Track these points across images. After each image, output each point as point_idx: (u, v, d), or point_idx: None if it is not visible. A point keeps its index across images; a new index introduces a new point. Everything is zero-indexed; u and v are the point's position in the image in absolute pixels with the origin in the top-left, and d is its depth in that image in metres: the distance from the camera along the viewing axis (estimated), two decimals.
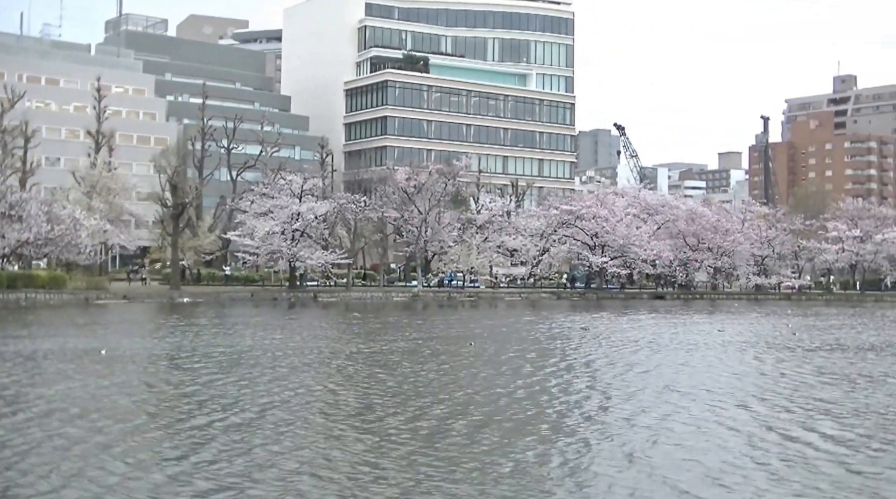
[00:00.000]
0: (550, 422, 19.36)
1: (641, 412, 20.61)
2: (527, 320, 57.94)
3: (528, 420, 19.49)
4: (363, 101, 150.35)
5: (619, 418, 19.82)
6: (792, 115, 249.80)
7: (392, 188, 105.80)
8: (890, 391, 24.83)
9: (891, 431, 18.69)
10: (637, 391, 24.29)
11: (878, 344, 40.70)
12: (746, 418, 20.09)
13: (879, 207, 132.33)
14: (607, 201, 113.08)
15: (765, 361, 32.90)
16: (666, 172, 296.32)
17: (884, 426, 19.20)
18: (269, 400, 21.70)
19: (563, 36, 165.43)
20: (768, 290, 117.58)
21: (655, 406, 21.57)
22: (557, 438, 17.49)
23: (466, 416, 19.77)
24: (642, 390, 24.47)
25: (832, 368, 30.23)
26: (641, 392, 24.12)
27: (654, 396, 23.39)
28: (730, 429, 18.60)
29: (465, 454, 15.82)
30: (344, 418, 19.36)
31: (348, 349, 35.37)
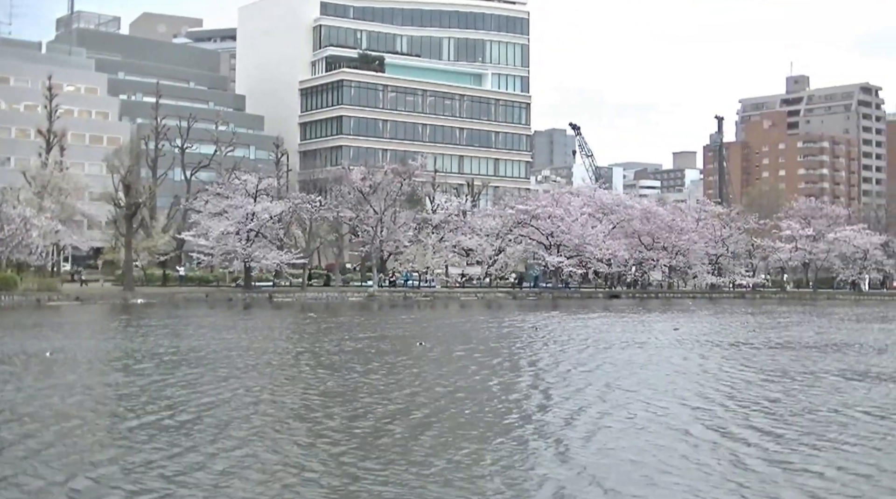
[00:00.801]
0: (488, 421, 19.36)
1: (580, 411, 20.68)
2: (480, 320, 58.07)
3: (466, 420, 19.49)
4: (318, 100, 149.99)
5: (558, 417, 19.87)
6: (746, 115, 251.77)
7: (347, 188, 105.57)
8: (827, 389, 25.02)
9: (823, 428, 18.82)
10: (579, 389, 24.37)
11: (824, 342, 41.08)
12: (685, 415, 20.20)
13: (832, 207, 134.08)
14: (563, 201, 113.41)
15: (709, 358, 33.16)
16: (621, 172, 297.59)
17: (818, 424, 19.35)
18: (208, 401, 21.59)
19: (519, 36, 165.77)
20: (723, 288, 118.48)
21: (595, 404, 21.65)
22: (493, 437, 17.47)
23: (405, 416, 19.73)
24: (584, 388, 24.55)
25: (775, 366, 30.47)
26: (583, 390, 24.19)
27: (595, 394, 23.47)
28: (667, 427, 18.68)
29: (400, 455, 15.80)
30: (281, 419, 19.29)
31: (295, 349, 35.29)
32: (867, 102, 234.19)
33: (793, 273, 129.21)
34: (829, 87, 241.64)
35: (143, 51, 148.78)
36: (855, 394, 23.87)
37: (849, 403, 22.20)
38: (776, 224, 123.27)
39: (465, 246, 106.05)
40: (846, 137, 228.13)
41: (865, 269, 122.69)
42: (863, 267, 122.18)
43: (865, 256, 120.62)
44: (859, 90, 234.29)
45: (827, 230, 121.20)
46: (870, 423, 19.35)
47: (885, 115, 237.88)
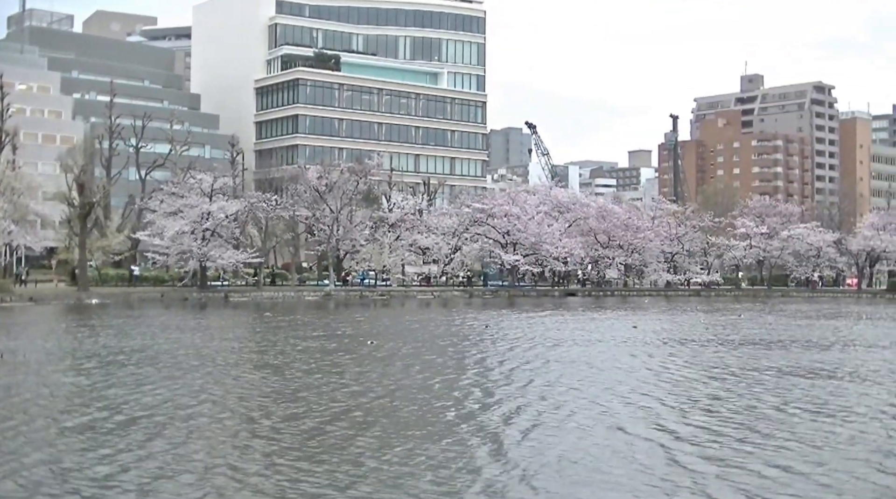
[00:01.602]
0: (426, 420, 19.44)
1: (519, 409, 20.87)
2: (433, 319, 58.23)
3: (405, 419, 19.58)
4: (274, 99, 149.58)
5: (496, 415, 20.02)
6: (700, 113, 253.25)
7: (303, 187, 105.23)
8: (769, 386, 25.26)
9: (763, 425, 19.00)
10: (521, 387, 24.54)
11: (772, 339, 41.53)
12: (624, 413, 20.39)
13: (785, 205, 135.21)
14: (519, 199, 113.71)
15: (657, 356, 33.38)
16: (577, 170, 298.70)
17: (758, 421, 19.52)
18: (148, 401, 21.55)
19: (475, 34, 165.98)
20: (678, 286, 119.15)
21: (535, 402, 21.82)
22: (429, 436, 17.56)
23: (344, 416, 19.80)
24: (527, 386, 24.73)
25: (722, 363, 30.74)
26: (525, 388, 24.36)
27: (536, 392, 23.64)
28: (604, 425, 18.85)
29: (334, 455, 15.87)
30: (220, 420, 19.26)
31: (244, 349, 35.34)
32: (820, 101, 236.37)
33: (748, 271, 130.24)
34: (783, 87, 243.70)
35: (97, 49, 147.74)
36: (796, 391, 24.07)
37: (789, 400, 22.42)
38: (731, 222, 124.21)
39: (421, 245, 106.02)
40: (800, 135, 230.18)
41: (819, 266, 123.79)
42: (816, 265, 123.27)
43: (819, 254, 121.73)
44: (812, 89, 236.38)
45: (781, 228, 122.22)
46: (808, 420, 19.52)
47: (837, 113, 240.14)
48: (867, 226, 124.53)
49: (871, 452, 16.25)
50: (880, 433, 18.08)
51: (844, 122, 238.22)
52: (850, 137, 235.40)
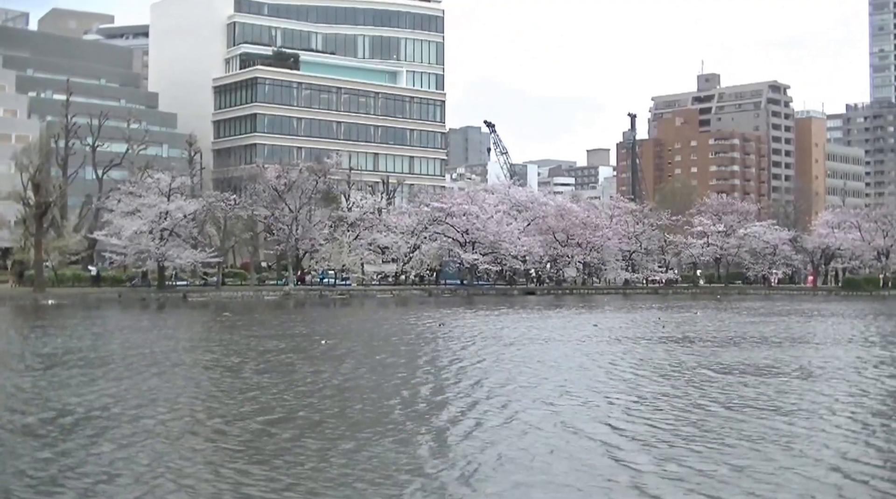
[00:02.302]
0: (371, 420, 19.44)
1: (465, 407, 20.96)
2: (390, 317, 58.40)
3: (349, 419, 19.58)
4: (232, 98, 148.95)
5: (442, 414, 20.10)
6: (658, 112, 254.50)
7: (262, 186, 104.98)
8: (716, 383, 25.44)
9: (705, 423, 19.13)
10: (470, 386, 24.72)
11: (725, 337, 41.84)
12: (569, 411, 20.49)
13: (742, 203, 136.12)
14: (478, 198, 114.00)
15: (608, 353, 33.53)
16: (535, 169, 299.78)
17: (702, 419, 19.64)
18: (88, 402, 21.43)
19: (434, 33, 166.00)
20: (636, 284, 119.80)
21: (482, 401, 21.96)
22: (372, 436, 17.55)
23: (289, 416, 19.89)
24: (475, 385, 24.91)
25: (673, 361, 31.02)
26: (474, 387, 24.53)
27: (484, 390, 23.78)
28: (549, 423, 18.91)
29: (276, 456, 15.92)
30: (165, 422, 19.13)
31: (197, 349, 35.25)
32: (776, 100, 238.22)
33: (705, 268, 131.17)
34: (740, 86, 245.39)
35: (53, 47, 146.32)
36: (744, 389, 24.23)
37: (736, 397, 22.60)
38: (688, 220, 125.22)
39: (380, 244, 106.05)
40: (756, 134, 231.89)
41: (775, 264, 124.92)
42: (772, 262, 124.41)
43: (775, 252, 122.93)
44: (768, 88, 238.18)
45: (738, 226, 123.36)
46: (754, 418, 19.64)
47: (793, 112, 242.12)
48: (822, 224, 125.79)
49: (817, 449, 16.40)
50: (826, 430, 18.23)
51: (800, 122, 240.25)
52: (805, 135, 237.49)
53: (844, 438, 17.58)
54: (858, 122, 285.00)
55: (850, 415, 20.14)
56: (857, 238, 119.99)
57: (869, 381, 26.12)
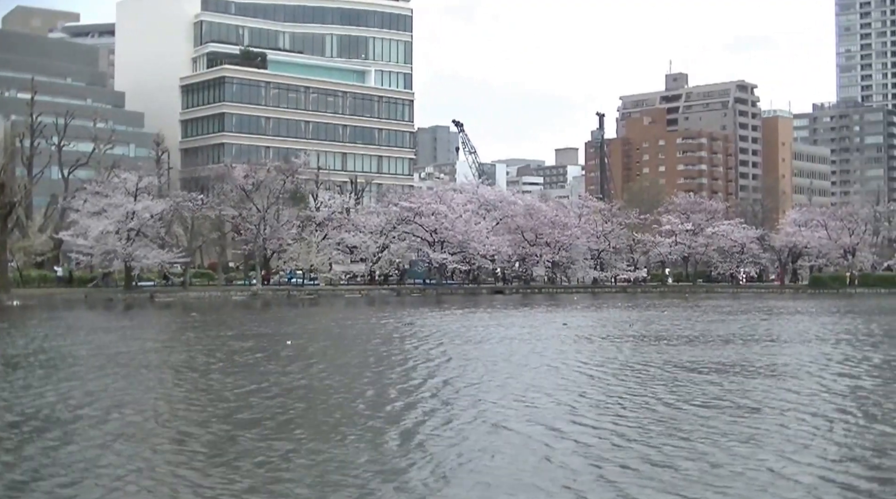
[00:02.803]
0: (317, 421, 19.35)
1: (410, 407, 20.87)
2: (358, 318, 58.13)
3: (293, 420, 19.43)
4: (200, 97, 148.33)
5: (385, 414, 19.95)
6: (626, 111, 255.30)
7: (230, 186, 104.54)
8: (669, 382, 25.36)
9: (655, 423, 19.00)
10: (419, 385, 24.66)
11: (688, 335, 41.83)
12: (515, 410, 20.35)
13: (710, 201, 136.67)
14: (446, 198, 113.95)
15: (568, 352, 33.41)
16: (504, 168, 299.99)
17: (651, 419, 19.53)
18: (35, 404, 21.20)
19: (402, 33, 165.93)
20: (605, 283, 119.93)
21: (428, 400, 21.93)
22: (315, 437, 17.43)
23: (233, 416, 19.75)
24: (424, 384, 24.89)
25: (634, 360, 30.94)
26: (423, 385, 24.50)
27: (433, 390, 23.71)
28: (491, 423, 18.75)
29: (211, 458, 15.77)
30: (126, 425, 18.86)
31: (157, 349, 35.01)
32: (743, 100, 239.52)
33: (673, 267, 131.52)
34: (707, 85, 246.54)
35: (18, 45, 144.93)
36: (705, 387, 24.12)
37: (694, 396, 22.51)
38: (656, 219, 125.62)
39: (349, 243, 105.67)
40: (723, 133, 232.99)
41: (742, 262, 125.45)
42: (740, 260, 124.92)
43: (742, 250, 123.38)
44: (736, 88, 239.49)
45: (706, 225, 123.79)
46: (712, 417, 19.57)
47: (760, 111, 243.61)
48: (789, 222, 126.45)
49: (771, 449, 16.29)
50: (782, 430, 18.14)
51: (767, 121, 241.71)
52: (772, 135, 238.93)
53: (807, 434, 17.57)
54: (825, 122, 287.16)
55: (812, 412, 20.11)
56: (824, 236, 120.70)
57: (830, 378, 26.12)
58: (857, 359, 31.33)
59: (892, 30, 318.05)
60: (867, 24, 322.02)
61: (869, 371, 27.94)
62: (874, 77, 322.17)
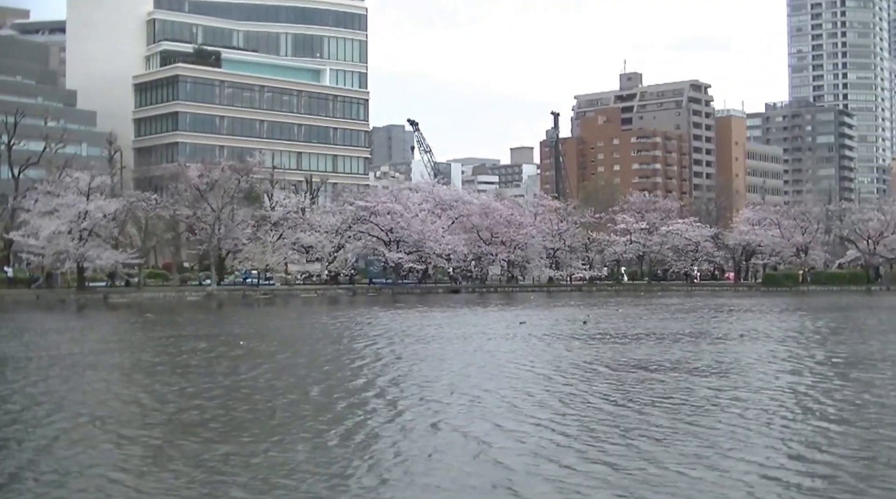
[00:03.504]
0: (255, 423, 19.20)
1: (352, 408, 20.76)
2: (313, 318, 58.01)
3: (236, 421, 19.36)
4: (153, 96, 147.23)
5: (325, 415, 19.82)
6: (581, 111, 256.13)
7: (184, 185, 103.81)
8: (611, 380, 25.41)
9: (589, 422, 19.03)
10: (363, 385, 24.56)
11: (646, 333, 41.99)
12: (454, 410, 20.36)
13: (664, 200, 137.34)
14: (402, 197, 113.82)
15: (518, 351, 33.39)
16: (459, 167, 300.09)
17: (585, 418, 19.54)
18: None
19: (357, 31, 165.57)
20: (560, 282, 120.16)
21: (370, 401, 21.84)
22: (252, 439, 17.31)
23: (174, 419, 19.65)
24: (369, 384, 24.81)
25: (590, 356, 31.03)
26: (368, 386, 24.41)
27: (377, 390, 23.63)
28: (430, 424, 18.73)
29: (148, 461, 15.72)
30: (71, 428, 18.65)
31: (103, 351, 34.68)
32: (697, 99, 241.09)
33: (628, 266, 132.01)
34: (661, 84, 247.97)
35: None
36: (651, 385, 24.20)
37: (637, 394, 22.57)
38: (611, 218, 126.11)
39: (304, 243, 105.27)
40: (678, 132, 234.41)
41: (697, 260, 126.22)
42: (694, 259, 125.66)
43: (697, 249, 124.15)
44: (690, 87, 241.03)
45: (660, 223, 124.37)
46: (651, 415, 19.65)
47: (713, 111, 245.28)
48: (743, 221, 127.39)
49: (713, 446, 16.32)
50: (725, 427, 18.23)
51: (720, 120, 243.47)
52: (725, 134, 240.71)
53: (749, 431, 17.67)
54: (777, 122, 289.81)
55: (755, 409, 20.25)
56: (777, 235, 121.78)
57: (773, 375, 26.29)
58: (802, 356, 31.62)
59: (842, 31, 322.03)
60: (818, 26, 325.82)
61: (811, 368, 28.17)
62: (825, 77, 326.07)
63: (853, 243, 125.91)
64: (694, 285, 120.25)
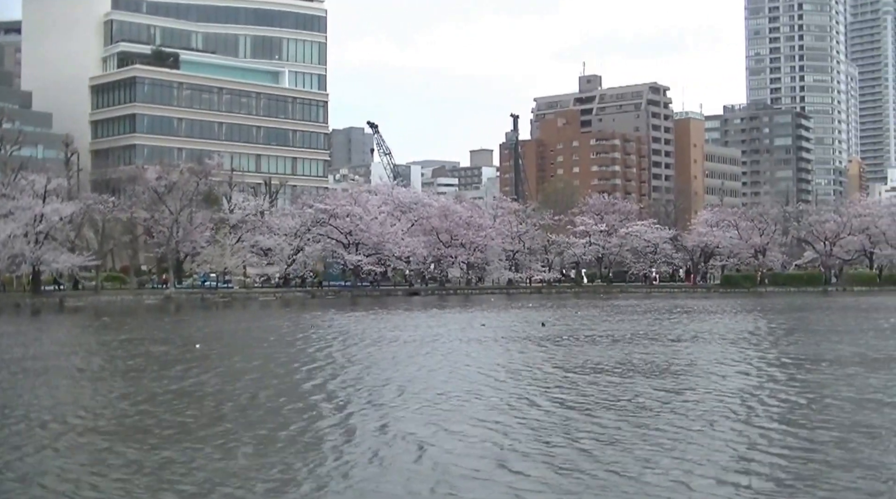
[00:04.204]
0: (196, 427, 19.16)
1: (301, 412, 20.72)
2: (270, 321, 57.96)
3: (180, 425, 19.33)
4: (110, 97, 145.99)
5: (277, 420, 19.79)
6: (541, 113, 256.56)
7: (142, 188, 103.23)
8: (573, 384, 25.50)
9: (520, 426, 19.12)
10: (316, 388, 24.68)
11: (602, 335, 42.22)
12: (404, 413, 20.40)
13: (624, 202, 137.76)
14: (361, 199, 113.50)
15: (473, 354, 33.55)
16: (419, 170, 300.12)
17: (522, 421, 19.60)
18: None
19: (316, 33, 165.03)
20: (520, 284, 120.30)
21: (319, 404, 21.95)
22: (197, 442, 17.32)
23: (110, 424, 19.59)
24: (324, 386, 24.96)
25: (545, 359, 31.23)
26: (321, 389, 24.48)
27: (328, 393, 23.71)
28: (376, 427, 18.81)
29: (84, 467, 15.59)
30: (9, 435, 18.50)
31: (60, 355, 34.46)
32: (656, 101, 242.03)
33: (588, 267, 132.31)
34: (620, 87, 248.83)
35: None
36: (594, 387, 24.32)
37: (580, 396, 22.72)
38: (571, 220, 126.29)
39: (263, 246, 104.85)
40: (637, 134, 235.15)
41: (656, 262, 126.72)
42: (653, 260, 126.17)
43: (656, 250, 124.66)
44: (648, 90, 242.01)
45: (619, 225, 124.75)
46: (593, 416, 19.79)
47: (672, 113, 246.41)
48: (701, 223, 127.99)
49: (659, 450, 16.43)
50: (672, 429, 18.37)
51: (679, 123, 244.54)
52: (684, 136, 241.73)
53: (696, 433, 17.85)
54: (735, 124, 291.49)
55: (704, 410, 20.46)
56: (735, 236, 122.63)
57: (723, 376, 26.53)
58: (752, 357, 31.97)
59: (799, 34, 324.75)
60: (776, 29, 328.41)
61: (761, 369, 28.44)
62: (783, 80, 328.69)
63: (810, 245, 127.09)
64: (652, 287, 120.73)
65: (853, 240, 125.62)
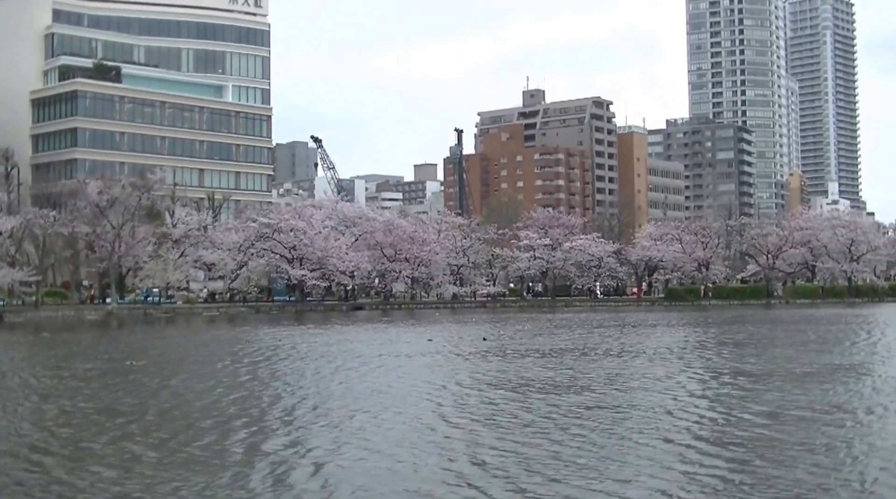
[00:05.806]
0: (122, 447, 18.96)
1: (226, 435, 20.41)
2: (211, 336, 57.79)
3: (106, 445, 19.20)
4: (51, 111, 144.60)
5: (182, 440, 19.50)
6: (484, 128, 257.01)
7: (83, 202, 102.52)
8: (508, 398, 25.74)
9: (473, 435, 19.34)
10: (236, 407, 24.51)
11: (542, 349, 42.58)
12: (328, 431, 20.45)
13: (568, 216, 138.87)
14: (305, 214, 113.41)
15: (404, 367, 33.95)
16: (363, 184, 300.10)
17: (460, 435, 19.82)
18: None
19: (260, 47, 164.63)
20: (465, 298, 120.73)
21: (244, 417, 22.11)
22: (112, 463, 17.19)
23: (31, 442, 19.45)
24: (245, 404, 24.95)
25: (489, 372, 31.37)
26: (243, 407, 24.45)
27: (249, 411, 23.70)
28: (295, 448, 18.71)
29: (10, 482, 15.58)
30: None
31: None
32: (599, 116, 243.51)
33: (532, 281, 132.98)
34: (564, 101, 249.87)
35: None
36: (526, 404, 24.42)
37: (514, 412, 22.82)
38: (515, 234, 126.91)
39: (206, 261, 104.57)
40: (580, 148, 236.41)
41: (600, 276, 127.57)
42: (597, 274, 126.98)
43: (600, 264, 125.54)
44: (592, 104, 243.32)
45: (564, 239, 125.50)
46: (517, 430, 19.99)
47: (615, 127, 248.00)
48: (645, 236, 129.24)
49: (588, 468, 16.52)
50: (602, 443, 18.64)
51: (622, 137, 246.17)
52: (627, 150, 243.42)
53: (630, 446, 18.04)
54: (678, 138, 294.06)
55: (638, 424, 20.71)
56: (679, 250, 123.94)
57: (655, 391, 26.78)
58: (688, 370, 32.40)
59: (741, 49, 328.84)
60: (717, 44, 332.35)
61: (682, 384, 28.52)
62: (725, 94, 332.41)
63: (753, 258, 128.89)
64: (597, 301, 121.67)
65: (795, 253, 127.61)
